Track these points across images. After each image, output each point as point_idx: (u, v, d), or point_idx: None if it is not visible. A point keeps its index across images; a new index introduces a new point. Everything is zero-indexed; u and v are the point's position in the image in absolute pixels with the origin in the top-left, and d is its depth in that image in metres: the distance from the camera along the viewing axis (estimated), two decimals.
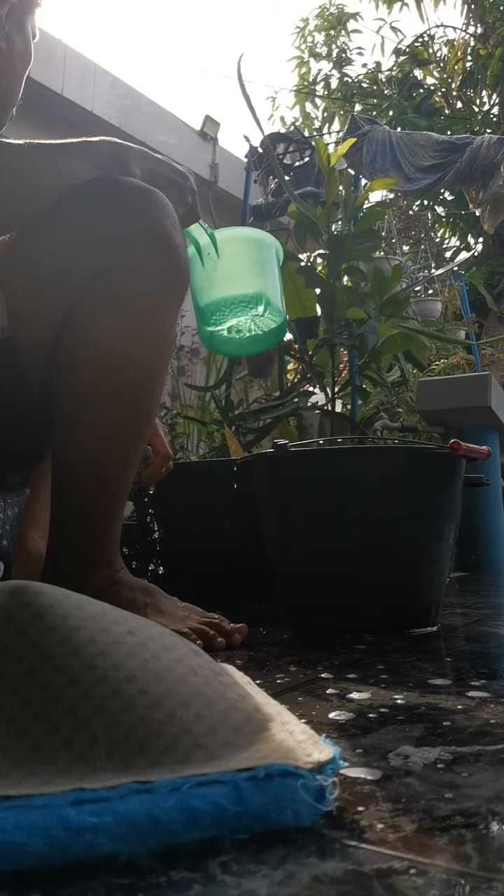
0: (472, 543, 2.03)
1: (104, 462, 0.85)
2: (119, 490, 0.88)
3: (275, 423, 2.54)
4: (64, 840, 0.30)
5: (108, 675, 0.39)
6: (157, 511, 1.41)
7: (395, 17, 7.99)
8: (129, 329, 0.84)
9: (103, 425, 0.85)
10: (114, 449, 0.86)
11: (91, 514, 0.86)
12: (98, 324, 0.84)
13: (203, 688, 0.42)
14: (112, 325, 0.84)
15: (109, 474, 0.86)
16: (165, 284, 0.86)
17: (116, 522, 0.88)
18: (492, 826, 0.35)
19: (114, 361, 0.84)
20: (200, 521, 1.40)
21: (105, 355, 0.84)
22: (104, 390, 0.84)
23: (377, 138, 3.45)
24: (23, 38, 0.98)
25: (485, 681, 0.66)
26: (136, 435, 0.88)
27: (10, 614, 0.41)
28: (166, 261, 0.85)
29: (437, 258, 6.25)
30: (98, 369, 0.84)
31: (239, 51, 12.08)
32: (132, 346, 0.84)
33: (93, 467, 0.85)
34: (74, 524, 0.87)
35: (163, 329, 0.88)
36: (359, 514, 0.96)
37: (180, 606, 0.88)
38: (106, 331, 0.84)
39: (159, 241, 0.84)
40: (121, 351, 0.84)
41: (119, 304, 0.84)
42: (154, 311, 0.86)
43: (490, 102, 6.98)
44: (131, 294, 0.84)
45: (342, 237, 2.16)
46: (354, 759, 0.45)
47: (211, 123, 5.38)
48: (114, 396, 0.84)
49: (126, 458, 0.87)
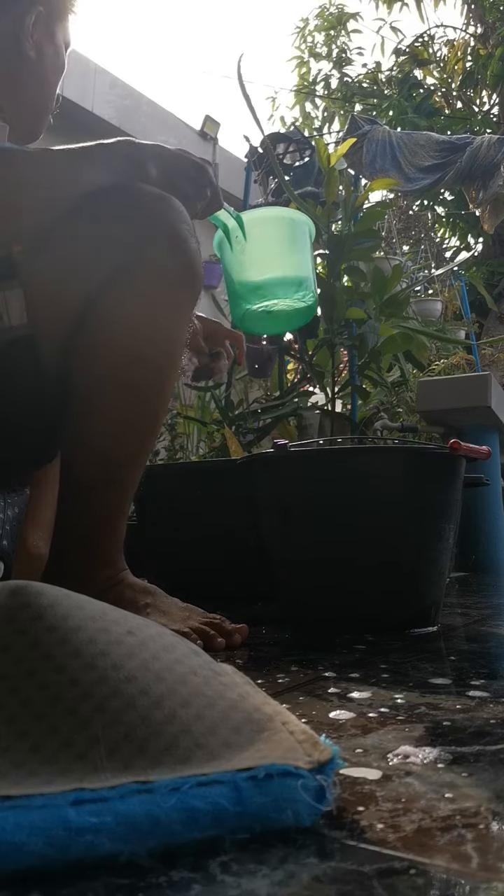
0: (472, 543, 2.03)
1: (113, 456, 0.87)
2: (126, 486, 0.89)
3: (275, 423, 2.54)
4: (64, 840, 0.30)
5: (109, 675, 0.39)
6: (155, 510, 1.41)
7: (395, 17, 8.00)
8: (143, 328, 0.86)
9: (114, 419, 0.86)
10: (123, 444, 0.87)
11: (98, 509, 0.87)
12: (113, 323, 0.86)
13: (203, 688, 0.42)
14: (126, 324, 0.86)
15: (119, 472, 0.88)
16: (180, 287, 0.88)
17: (122, 520, 0.89)
18: (492, 826, 0.35)
19: (127, 358, 0.86)
20: (198, 521, 1.40)
21: (119, 353, 0.86)
22: (117, 385, 0.86)
23: (377, 138, 3.45)
24: (54, 47, 1.00)
25: (485, 681, 0.66)
26: (144, 432, 0.89)
27: (10, 614, 0.41)
28: (181, 264, 0.87)
29: (437, 258, 6.26)
30: (112, 364, 0.86)
31: (239, 51, 12.08)
32: (145, 345, 0.86)
33: (102, 461, 0.87)
34: (81, 519, 0.88)
35: (176, 330, 0.90)
36: (359, 515, 0.96)
37: (181, 607, 0.89)
38: (120, 329, 0.86)
39: (175, 246, 0.86)
40: (134, 349, 0.86)
41: (134, 304, 0.86)
42: (168, 313, 0.88)
43: (490, 102, 6.98)
44: (146, 295, 0.86)
45: (342, 237, 2.16)
46: (354, 759, 0.45)
47: (211, 123, 5.38)
48: (126, 391, 0.86)
49: (134, 455, 0.89)
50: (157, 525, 1.40)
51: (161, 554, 1.38)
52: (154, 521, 1.40)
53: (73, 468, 0.89)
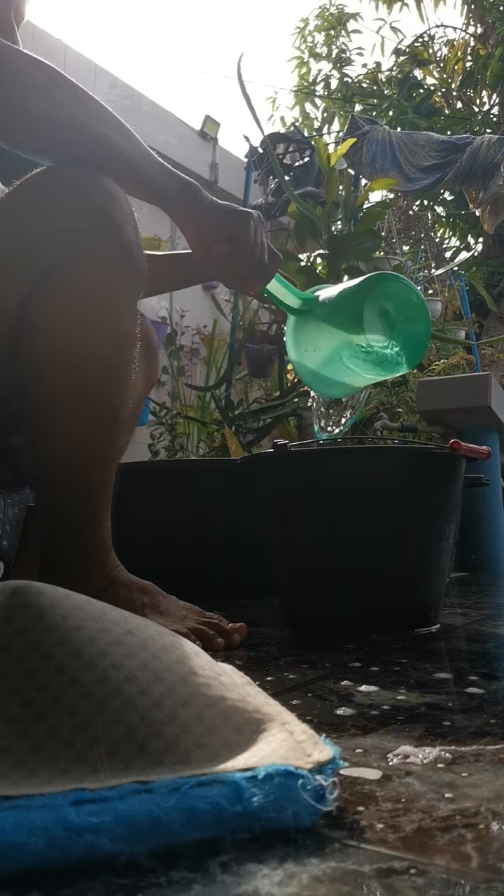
0: (472, 543, 2.03)
1: (81, 462, 0.84)
2: (101, 488, 0.86)
3: (275, 423, 2.54)
4: (64, 840, 0.30)
5: (109, 675, 0.39)
6: (152, 510, 1.41)
7: (395, 18, 7.99)
8: (88, 325, 0.82)
9: (73, 425, 0.83)
10: (88, 447, 0.84)
11: (76, 515, 0.85)
12: (56, 322, 0.81)
13: (203, 688, 0.42)
14: (70, 322, 0.82)
15: (88, 474, 0.85)
16: (120, 279, 0.84)
17: (104, 520, 0.87)
18: (492, 826, 0.35)
19: (76, 358, 0.82)
20: (194, 521, 1.40)
21: (67, 352, 0.82)
22: (71, 387, 0.82)
23: (377, 138, 3.45)
24: None
25: (485, 681, 0.66)
26: (107, 431, 0.85)
27: (10, 614, 0.41)
28: (119, 255, 0.82)
29: (437, 258, 6.25)
30: (62, 366, 0.82)
31: (239, 51, 12.06)
32: (93, 342, 0.82)
33: (70, 468, 0.84)
34: (61, 524, 0.85)
35: (122, 324, 0.85)
36: (359, 515, 0.96)
37: (179, 606, 0.88)
38: (65, 328, 0.82)
39: (111, 234, 0.81)
40: (82, 347, 0.82)
41: (71, 301, 0.81)
42: (111, 306, 0.84)
43: (490, 102, 6.98)
44: (83, 290, 0.82)
45: (342, 237, 2.16)
46: (354, 759, 0.45)
47: (211, 123, 5.37)
48: (81, 393, 0.82)
49: (102, 455, 0.85)
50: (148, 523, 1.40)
51: (157, 552, 1.38)
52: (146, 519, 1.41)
53: (44, 478, 0.86)
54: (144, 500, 1.41)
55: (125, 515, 1.04)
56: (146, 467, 1.57)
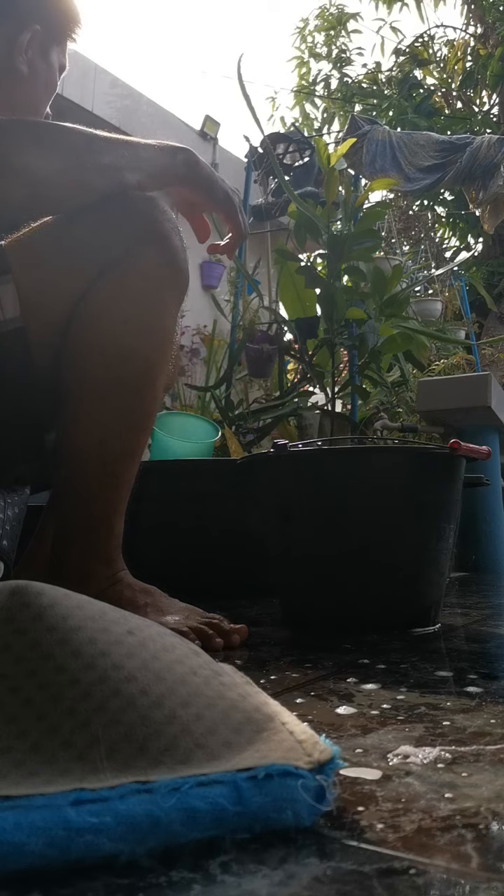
0: (472, 543, 2.03)
1: (109, 451, 0.87)
2: (123, 482, 0.89)
3: (275, 423, 2.54)
4: (64, 840, 0.30)
5: (109, 675, 0.39)
6: (152, 509, 1.41)
7: (395, 18, 8.00)
8: (132, 320, 0.88)
9: (107, 414, 0.87)
10: (118, 439, 0.88)
11: (95, 507, 0.87)
12: (102, 315, 0.87)
13: (203, 688, 0.42)
14: (115, 316, 0.88)
15: (114, 465, 0.88)
16: (166, 281, 0.91)
17: (119, 517, 0.90)
18: (492, 826, 0.35)
19: (118, 350, 0.87)
20: (192, 520, 1.40)
21: (109, 344, 0.87)
22: (108, 380, 0.87)
23: (377, 138, 3.45)
24: (47, 65, 1.03)
25: (485, 681, 0.66)
26: (138, 427, 0.90)
27: (10, 614, 0.41)
28: (165, 260, 0.90)
29: (437, 258, 6.25)
30: (103, 357, 0.87)
31: (239, 51, 12.07)
32: (135, 337, 0.88)
33: (98, 456, 0.87)
34: (78, 516, 0.88)
35: (164, 323, 0.91)
36: (359, 514, 0.96)
37: (181, 607, 0.88)
38: (109, 326, 0.87)
39: (160, 243, 0.89)
40: (124, 341, 0.88)
41: (122, 300, 0.88)
42: (155, 308, 0.90)
43: (490, 102, 6.98)
44: (133, 291, 0.88)
45: (342, 237, 2.16)
46: (354, 759, 0.45)
47: (211, 123, 5.37)
48: (117, 386, 0.87)
49: (130, 449, 0.89)
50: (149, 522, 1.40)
51: (156, 553, 1.38)
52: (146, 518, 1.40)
53: (68, 465, 0.89)
54: (144, 499, 1.41)
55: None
56: (146, 466, 1.57)
